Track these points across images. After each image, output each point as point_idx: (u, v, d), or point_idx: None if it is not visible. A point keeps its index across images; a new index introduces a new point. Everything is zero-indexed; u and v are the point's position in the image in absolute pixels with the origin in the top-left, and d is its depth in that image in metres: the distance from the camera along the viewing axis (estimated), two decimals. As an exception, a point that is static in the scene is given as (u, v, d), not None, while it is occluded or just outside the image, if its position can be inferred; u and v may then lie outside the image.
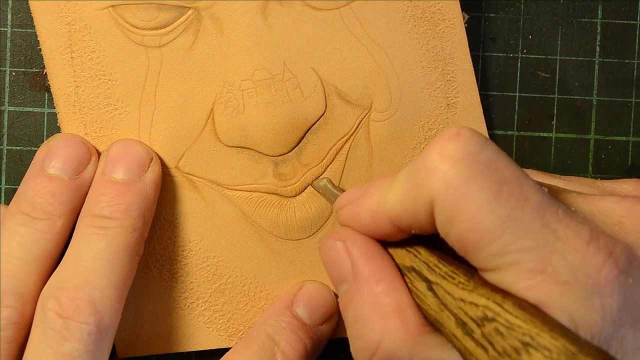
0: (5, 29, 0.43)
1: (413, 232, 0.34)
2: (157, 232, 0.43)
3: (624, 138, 0.46)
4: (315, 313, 0.43)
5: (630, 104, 0.46)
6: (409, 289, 0.35)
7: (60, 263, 0.39)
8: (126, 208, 0.40)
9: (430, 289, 0.33)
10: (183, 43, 0.42)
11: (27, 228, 0.39)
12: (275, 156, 0.42)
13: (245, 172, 0.42)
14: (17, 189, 0.40)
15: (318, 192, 0.42)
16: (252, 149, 0.42)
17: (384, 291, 0.35)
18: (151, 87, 0.42)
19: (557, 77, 0.45)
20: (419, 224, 0.33)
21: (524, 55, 0.45)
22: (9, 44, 0.43)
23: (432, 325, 0.34)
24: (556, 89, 0.45)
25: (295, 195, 0.43)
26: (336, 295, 0.44)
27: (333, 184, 0.42)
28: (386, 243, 0.36)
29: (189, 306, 0.43)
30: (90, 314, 0.36)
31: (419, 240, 0.35)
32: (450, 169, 0.31)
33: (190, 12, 0.42)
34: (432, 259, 0.34)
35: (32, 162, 0.41)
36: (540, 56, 0.45)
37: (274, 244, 0.43)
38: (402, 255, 0.36)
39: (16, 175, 0.44)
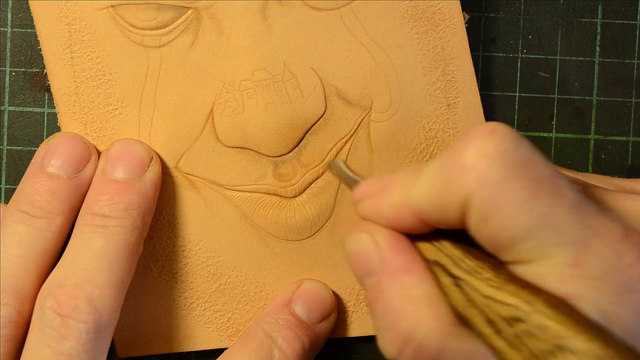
0: (5, 29, 0.43)
1: (437, 227, 0.34)
2: (157, 232, 0.43)
3: (624, 138, 0.46)
4: (314, 311, 0.43)
5: (630, 104, 0.46)
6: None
7: (59, 261, 0.39)
8: (126, 207, 0.40)
9: (457, 284, 0.33)
10: (183, 43, 0.42)
11: (26, 226, 0.39)
12: (275, 157, 0.42)
13: (245, 172, 0.42)
14: (16, 189, 0.40)
15: (332, 173, 0.41)
16: (252, 150, 0.42)
17: (415, 282, 0.34)
18: (151, 87, 0.42)
19: (557, 77, 0.45)
20: (447, 220, 0.33)
21: (524, 55, 0.45)
22: (9, 43, 0.43)
23: (461, 319, 0.33)
24: (556, 89, 0.45)
25: (295, 196, 0.43)
26: (336, 294, 0.44)
27: (348, 166, 0.40)
28: (408, 236, 0.36)
29: (189, 306, 0.43)
30: (88, 313, 0.36)
31: (442, 233, 0.35)
32: (487, 168, 0.31)
33: (189, 12, 0.41)
34: (457, 253, 0.34)
35: (32, 160, 0.41)
36: (540, 56, 0.45)
37: (273, 244, 0.43)
38: (426, 249, 0.35)
39: (16, 175, 0.44)
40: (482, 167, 0.31)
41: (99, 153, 0.42)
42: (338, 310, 0.45)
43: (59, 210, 0.40)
